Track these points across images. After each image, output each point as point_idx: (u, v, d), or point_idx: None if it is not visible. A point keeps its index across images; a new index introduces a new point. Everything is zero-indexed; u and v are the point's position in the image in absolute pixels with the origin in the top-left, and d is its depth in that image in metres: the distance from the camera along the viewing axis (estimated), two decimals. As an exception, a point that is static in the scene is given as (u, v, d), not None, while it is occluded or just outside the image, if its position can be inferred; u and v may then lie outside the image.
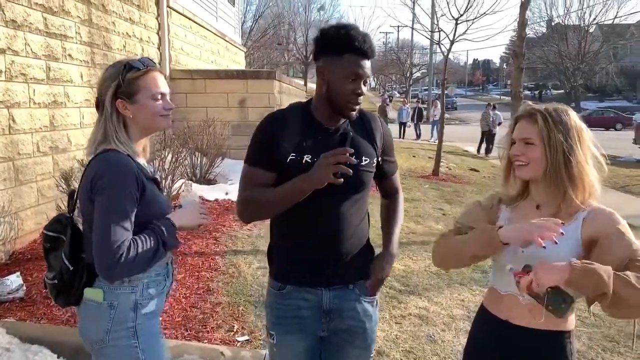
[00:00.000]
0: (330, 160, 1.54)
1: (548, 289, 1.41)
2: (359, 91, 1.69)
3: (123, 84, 1.65)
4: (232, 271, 4.38)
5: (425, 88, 45.29)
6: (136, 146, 1.73)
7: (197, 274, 4.25)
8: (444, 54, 11.61)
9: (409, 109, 22.66)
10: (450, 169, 12.35)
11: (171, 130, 6.14)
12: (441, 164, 11.34)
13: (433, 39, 12.88)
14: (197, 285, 4.03)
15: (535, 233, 1.43)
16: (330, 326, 1.82)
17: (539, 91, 51.73)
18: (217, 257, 4.66)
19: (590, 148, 1.58)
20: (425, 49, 43.11)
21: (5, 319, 3.30)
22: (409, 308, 3.93)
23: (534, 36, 44.40)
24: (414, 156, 14.11)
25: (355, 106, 1.71)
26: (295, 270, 1.79)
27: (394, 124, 20.26)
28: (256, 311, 3.67)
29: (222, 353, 3.03)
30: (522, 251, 1.56)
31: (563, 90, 46.09)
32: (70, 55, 5.40)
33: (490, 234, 1.53)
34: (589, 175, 1.55)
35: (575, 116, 1.59)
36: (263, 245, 5.07)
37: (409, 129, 21.84)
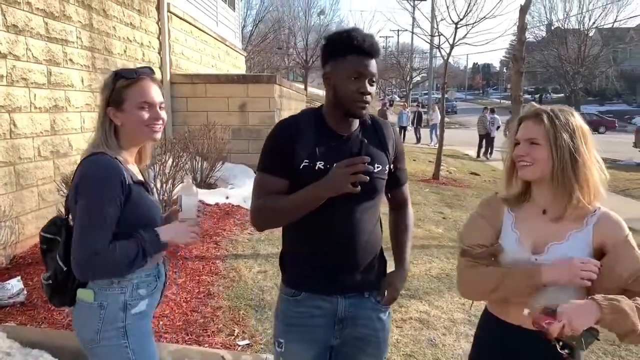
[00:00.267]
0: (348, 170, 1.52)
1: (583, 332, 1.39)
2: (363, 90, 1.67)
3: (113, 93, 1.72)
4: (233, 275, 4.38)
5: (426, 92, 45.35)
6: (128, 154, 1.78)
7: (198, 278, 4.25)
8: (444, 58, 11.63)
9: (409, 113, 22.71)
10: (450, 172, 12.36)
11: (172, 135, 6.15)
12: (441, 167, 11.35)
13: (433, 43, 12.91)
14: (198, 290, 4.03)
15: (579, 276, 1.45)
16: (342, 334, 1.80)
17: (539, 95, 51.78)
18: (218, 261, 4.66)
19: (594, 150, 1.57)
20: (425, 53, 43.18)
21: (6, 323, 3.30)
22: (410, 312, 3.93)
23: (533, 40, 44.49)
24: (414, 160, 14.11)
25: (363, 105, 1.69)
26: (310, 277, 1.77)
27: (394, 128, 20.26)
28: (257, 315, 3.67)
29: (223, 357, 3.03)
30: (536, 259, 1.55)
31: (563, 94, 46.14)
32: (71, 60, 5.42)
33: (534, 279, 1.50)
34: (594, 176, 1.54)
35: (579, 118, 1.59)
36: (264, 249, 5.08)
37: (409, 132, 21.89)
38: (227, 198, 6.71)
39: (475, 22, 10.93)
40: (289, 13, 39.87)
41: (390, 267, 1.92)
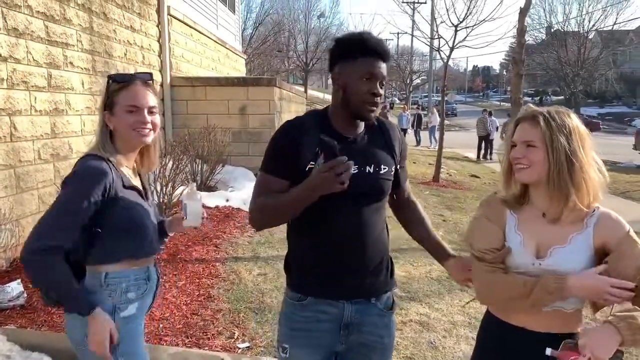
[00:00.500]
0: (330, 174, 1.48)
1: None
2: (374, 91, 1.66)
3: (108, 97, 1.76)
4: (233, 278, 4.38)
5: (425, 94, 45.40)
6: (125, 157, 1.79)
7: (198, 280, 4.25)
8: (444, 60, 11.64)
9: (409, 115, 22.75)
10: (450, 175, 12.36)
11: (172, 137, 6.15)
12: (441, 170, 11.35)
13: (433, 46, 12.92)
14: (198, 292, 4.03)
15: (607, 293, 1.43)
16: (348, 340, 1.78)
17: (539, 97, 51.84)
18: (218, 264, 4.66)
19: (592, 152, 1.55)
20: (425, 56, 43.32)
21: (6, 326, 3.30)
22: (410, 314, 3.92)
23: (533, 43, 44.59)
24: (414, 162, 14.11)
25: (373, 107, 1.68)
26: (316, 281, 1.74)
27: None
28: (257, 318, 3.67)
29: (223, 360, 3.03)
30: (540, 263, 1.55)
31: (563, 97, 46.17)
32: (71, 63, 5.43)
33: (561, 293, 1.48)
34: (592, 178, 1.53)
35: (577, 119, 1.57)
36: (264, 252, 5.08)
37: (409, 135, 21.92)
38: (227, 201, 6.71)
39: (475, 25, 10.94)
40: (289, 16, 40.02)
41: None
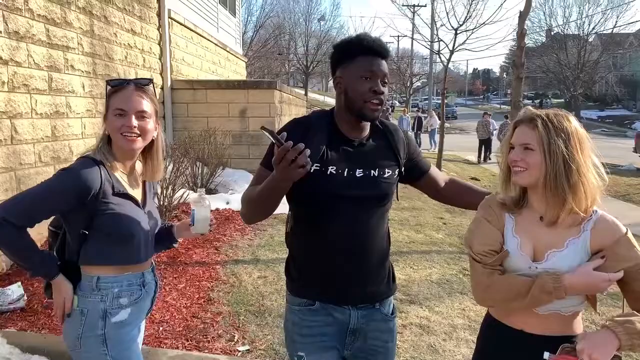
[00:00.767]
0: (284, 164, 1.41)
1: None
2: (376, 88, 1.64)
3: (106, 101, 1.77)
4: (233, 281, 4.38)
5: (426, 97, 45.38)
6: (121, 163, 1.77)
7: (198, 283, 4.25)
8: (444, 63, 11.69)
9: (409, 118, 22.77)
10: (450, 178, 12.34)
11: (172, 140, 6.16)
12: (442, 172, 11.35)
13: (433, 49, 12.94)
14: (198, 295, 4.03)
15: (602, 285, 1.46)
16: (353, 346, 1.78)
17: (539, 100, 51.86)
18: (218, 267, 4.66)
19: (591, 156, 1.54)
20: (425, 59, 43.28)
21: (6, 329, 3.30)
22: (410, 317, 3.92)
23: (533, 45, 44.56)
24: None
25: (376, 106, 1.65)
26: (321, 287, 1.73)
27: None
28: (257, 321, 3.67)
29: (223, 363, 3.03)
30: (536, 267, 1.55)
31: (563, 100, 46.20)
32: (72, 66, 5.44)
33: (559, 292, 1.48)
34: (590, 182, 1.52)
35: (576, 122, 1.56)
36: (264, 255, 5.08)
37: (409, 138, 21.91)
38: (228, 203, 6.71)
39: (474, 28, 11.01)
40: (289, 19, 40.11)
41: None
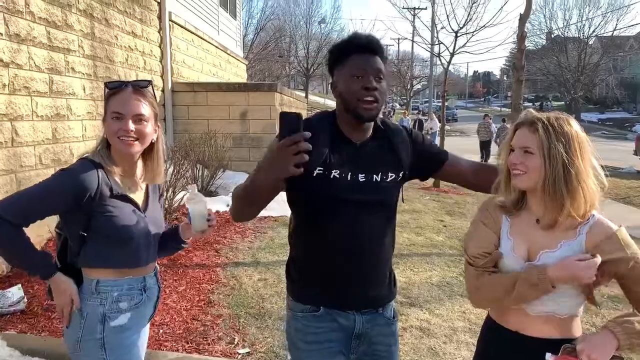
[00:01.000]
0: (290, 150, 1.38)
1: None
2: (368, 85, 1.60)
3: (104, 104, 1.75)
4: (233, 283, 4.38)
5: (426, 100, 45.42)
6: (119, 166, 1.75)
7: (198, 286, 4.25)
8: (444, 66, 11.68)
9: (410, 120, 22.78)
10: (451, 180, 12.33)
11: (173, 143, 6.17)
12: (442, 175, 11.34)
13: (433, 52, 12.96)
14: (198, 297, 4.03)
15: (586, 275, 1.45)
16: (358, 351, 1.78)
17: (539, 103, 51.88)
18: (218, 269, 4.66)
19: (591, 160, 1.53)
20: (426, 61, 43.28)
21: (6, 332, 3.30)
22: (410, 320, 3.92)
23: (533, 48, 44.63)
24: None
25: (369, 103, 1.61)
26: (325, 292, 1.71)
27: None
28: (257, 323, 3.67)
29: (223, 365, 3.03)
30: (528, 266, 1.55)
31: (563, 102, 46.23)
32: (73, 69, 5.45)
33: (544, 284, 1.49)
34: (589, 187, 1.51)
35: (577, 126, 1.55)
36: (264, 258, 5.08)
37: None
38: (228, 206, 6.68)
39: (475, 31, 10.99)
40: (290, 22, 40.20)
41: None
